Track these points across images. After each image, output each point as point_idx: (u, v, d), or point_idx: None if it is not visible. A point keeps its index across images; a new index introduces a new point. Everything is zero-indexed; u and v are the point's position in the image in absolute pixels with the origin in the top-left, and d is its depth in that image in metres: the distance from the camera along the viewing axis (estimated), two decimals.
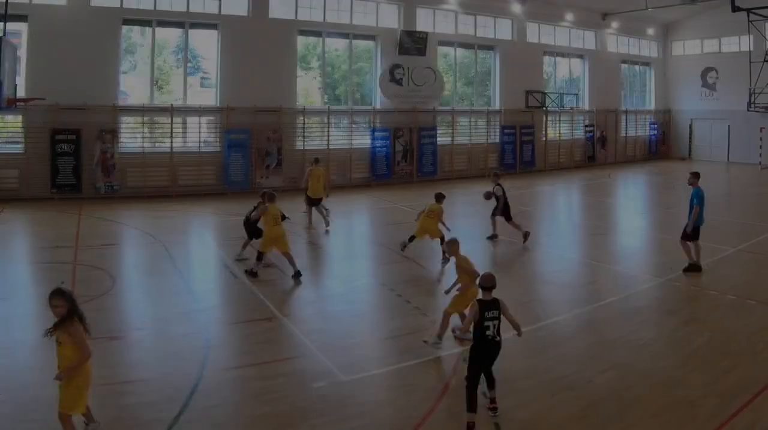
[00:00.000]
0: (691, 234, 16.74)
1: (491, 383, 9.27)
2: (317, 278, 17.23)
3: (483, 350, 9.01)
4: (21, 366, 10.42)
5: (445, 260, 17.13)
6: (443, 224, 18.15)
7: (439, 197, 18.29)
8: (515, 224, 20.54)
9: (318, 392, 9.75)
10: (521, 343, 10.61)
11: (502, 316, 9.15)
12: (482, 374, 9.06)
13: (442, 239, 17.58)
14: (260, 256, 16.22)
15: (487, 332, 8.94)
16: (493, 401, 9.21)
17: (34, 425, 8.51)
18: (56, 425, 7.78)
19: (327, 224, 23.12)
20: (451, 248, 12.30)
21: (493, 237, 20.74)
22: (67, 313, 7.75)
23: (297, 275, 15.98)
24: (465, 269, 11.86)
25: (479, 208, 23.72)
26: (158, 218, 24.91)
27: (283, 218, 16.68)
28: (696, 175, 16.99)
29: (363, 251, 20.96)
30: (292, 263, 16.14)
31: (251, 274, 16.10)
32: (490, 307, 9.05)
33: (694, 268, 16.79)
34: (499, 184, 20.79)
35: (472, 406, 8.68)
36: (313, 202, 23.69)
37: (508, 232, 20.90)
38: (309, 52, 37.75)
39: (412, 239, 18.40)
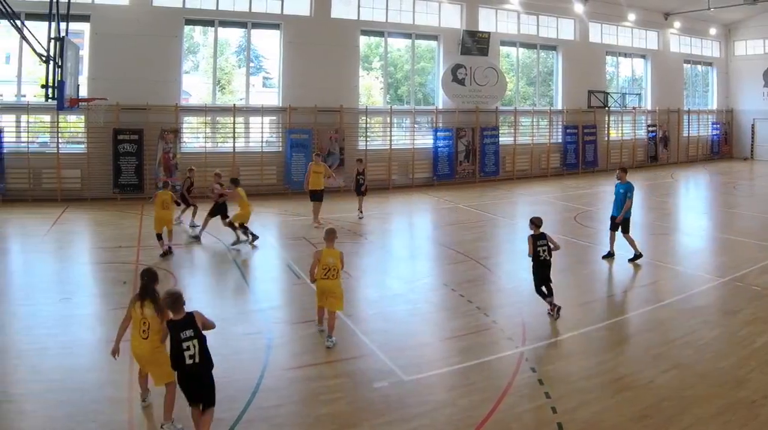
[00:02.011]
0: (624, 226, 17.02)
1: (550, 292, 12.69)
2: (379, 277, 16.39)
3: (540, 268, 12.66)
4: (82, 367, 10.03)
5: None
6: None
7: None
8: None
9: (379, 392, 9.36)
10: (582, 343, 11.08)
11: (549, 243, 12.85)
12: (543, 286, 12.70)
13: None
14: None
15: (540, 256, 12.67)
16: (552, 305, 12.51)
17: (93, 425, 8.22)
18: (116, 426, 8.21)
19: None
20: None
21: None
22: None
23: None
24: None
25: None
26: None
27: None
28: (625, 171, 17.62)
29: (425, 250, 19.78)
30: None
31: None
32: (540, 238, 12.87)
33: (638, 257, 16.98)
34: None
35: (545, 298, 12.67)
36: (315, 197, 22.48)
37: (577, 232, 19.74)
38: (371, 52, 35.65)
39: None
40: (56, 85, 17.91)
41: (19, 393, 9.10)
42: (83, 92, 24.04)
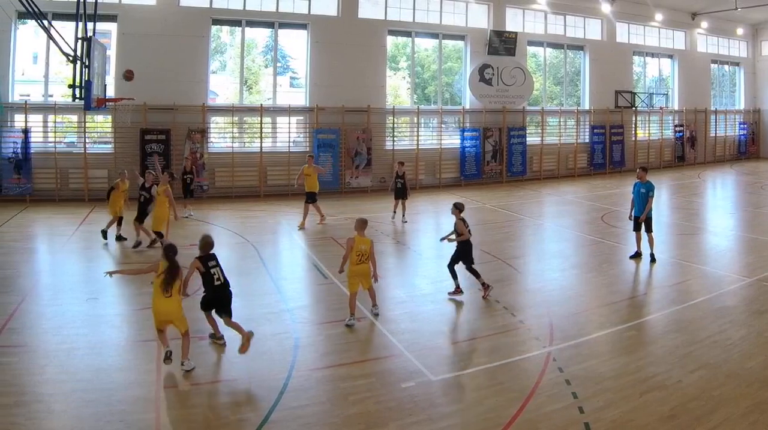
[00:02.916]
0: (647, 225, 16.39)
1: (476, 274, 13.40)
2: (406, 278, 15.99)
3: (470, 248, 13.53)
4: (110, 366, 9.79)
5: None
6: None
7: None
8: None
9: (407, 392, 9.09)
10: (610, 343, 10.82)
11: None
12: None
13: None
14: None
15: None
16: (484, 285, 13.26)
17: (121, 425, 8.01)
18: (143, 425, 8.01)
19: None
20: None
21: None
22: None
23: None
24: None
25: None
26: (247, 217, 23.15)
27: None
28: (645, 170, 16.76)
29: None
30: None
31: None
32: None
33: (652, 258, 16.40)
34: None
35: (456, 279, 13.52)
36: (309, 198, 21.55)
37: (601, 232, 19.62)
38: (398, 52, 34.44)
39: None
40: (83, 85, 17.48)
41: (47, 393, 8.85)
42: (110, 92, 23.59)
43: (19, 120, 25.13)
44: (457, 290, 13.50)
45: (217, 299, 10.41)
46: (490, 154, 33.65)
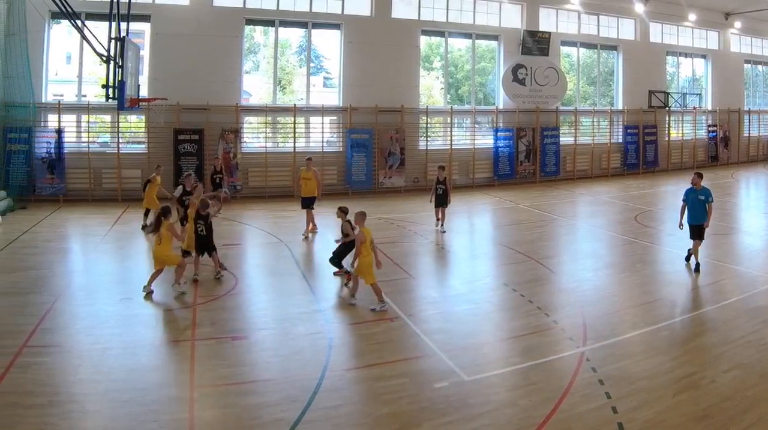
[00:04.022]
0: (700, 232, 15.09)
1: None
2: (440, 278, 15.60)
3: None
4: (144, 366, 9.52)
5: None
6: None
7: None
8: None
9: (440, 392, 8.79)
10: (643, 343, 10.48)
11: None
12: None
13: None
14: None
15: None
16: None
17: (155, 425, 7.76)
18: (177, 425, 7.74)
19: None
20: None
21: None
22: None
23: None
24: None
25: None
26: (280, 218, 22.28)
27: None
28: (701, 176, 15.29)
29: (485, 250, 18.52)
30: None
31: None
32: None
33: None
34: None
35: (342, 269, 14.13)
36: (304, 203, 19.29)
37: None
38: (432, 52, 32.79)
39: None
40: (117, 85, 16.85)
41: (81, 393, 8.56)
42: (144, 92, 22.61)
43: (52, 120, 24.19)
44: (347, 275, 13.80)
45: (199, 243, 13.82)
46: (524, 154, 32.10)
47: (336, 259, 14.23)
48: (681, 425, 7.88)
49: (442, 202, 19.64)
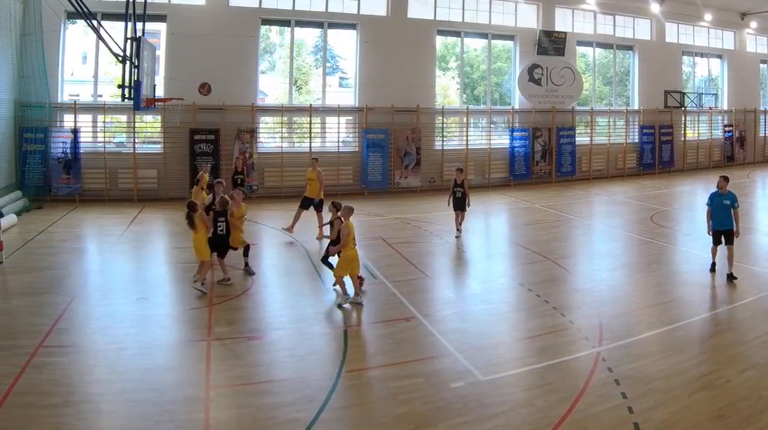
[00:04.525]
0: (729, 237, 14.16)
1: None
2: (456, 278, 15.36)
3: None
4: (159, 366, 9.39)
5: None
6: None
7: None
8: None
9: (456, 392, 8.61)
10: (659, 343, 10.32)
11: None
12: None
13: None
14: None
15: None
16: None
17: (171, 425, 7.61)
18: (193, 426, 7.60)
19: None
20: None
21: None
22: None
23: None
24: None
25: None
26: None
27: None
28: (727, 180, 14.40)
29: (501, 250, 18.24)
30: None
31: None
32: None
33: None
34: None
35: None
36: (303, 203, 18.58)
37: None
38: (447, 52, 32.00)
39: None
40: (133, 85, 16.68)
41: (97, 393, 8.45)
42: (159, 92, 22.19)
43: (68, 120, 23.70)
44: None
45: (217, 243, 13.28)
46: (540, 154, 31.30)
47: (328, 258, 13.83)
48: (697, 425, 7.76)
49: (460, 205, 18.40)
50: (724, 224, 14.18)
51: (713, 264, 14.52)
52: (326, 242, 14.31)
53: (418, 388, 8.74)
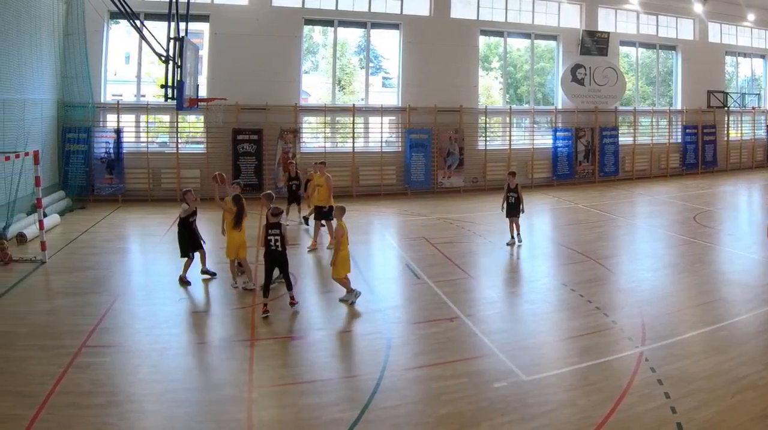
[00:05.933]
0: None
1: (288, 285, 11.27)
2: (498, 278, 14.40)
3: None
4: (202, 366, 9.08)
5: None
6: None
7: None
8: None
9: (499, 392, 8.11)
10: (702, 343, 9.80)
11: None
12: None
13: None
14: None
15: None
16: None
17: (213, 424, 7.26)
18: (236, 425, 7.30)
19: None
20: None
21: None
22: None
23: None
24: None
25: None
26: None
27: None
28: None
29: (544, 250, 17.12)
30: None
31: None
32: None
33: None
34: None
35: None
36: (318, 214, 16.30)
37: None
38: (490, 52, 29.94)
39: None
40: (175, 85, 15.71)
41: (140, 393, 8.09)
42: (202, 92, 20.77)
43: (111, 120, 22.34)
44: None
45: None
46: (583, 154, 29.18)
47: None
48: (740, 426, 7.37)
49: (514, 212, 16.39)
50: None
51: None
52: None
53: (461, 388, 8.34)
